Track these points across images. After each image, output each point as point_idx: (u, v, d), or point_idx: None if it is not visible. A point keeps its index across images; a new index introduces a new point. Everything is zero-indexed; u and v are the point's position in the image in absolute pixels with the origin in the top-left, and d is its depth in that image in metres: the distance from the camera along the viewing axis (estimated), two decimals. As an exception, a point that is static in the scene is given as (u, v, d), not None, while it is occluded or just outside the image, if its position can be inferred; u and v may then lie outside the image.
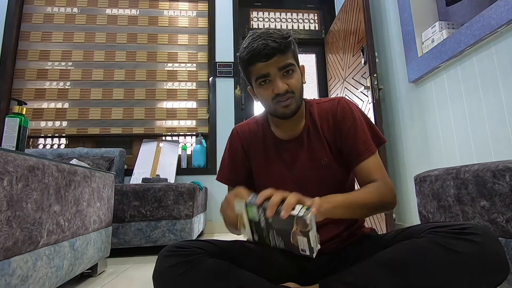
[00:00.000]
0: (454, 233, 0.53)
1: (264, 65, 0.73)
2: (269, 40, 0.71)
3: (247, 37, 0.76)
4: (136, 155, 2.65)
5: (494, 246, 0.51)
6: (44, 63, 2.77)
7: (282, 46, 0.72)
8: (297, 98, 0.77)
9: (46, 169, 0.86)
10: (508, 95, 1.26)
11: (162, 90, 2.86)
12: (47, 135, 2.70)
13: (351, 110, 0.82)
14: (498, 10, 1.24)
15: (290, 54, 0.75)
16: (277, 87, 0.74)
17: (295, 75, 0.76)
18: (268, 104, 0.78)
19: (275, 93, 0.74)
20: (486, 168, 0.79)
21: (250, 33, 0.76)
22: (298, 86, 0.77)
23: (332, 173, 0.81)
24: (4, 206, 0.69)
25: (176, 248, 0.64)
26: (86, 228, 1.14)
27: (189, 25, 3.02)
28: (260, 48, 0.71)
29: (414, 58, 1.84)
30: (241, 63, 0.78)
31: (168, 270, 0.61)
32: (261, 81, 0.76)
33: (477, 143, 1.42)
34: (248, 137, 0.90)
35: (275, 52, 0.72)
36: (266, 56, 0.72)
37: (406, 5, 1.90)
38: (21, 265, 0.75)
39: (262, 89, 0.77)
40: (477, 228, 0.53)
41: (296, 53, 0.79)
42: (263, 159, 0.86)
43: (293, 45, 0.77)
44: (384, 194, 0.73)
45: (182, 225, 1.81)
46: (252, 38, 0.74)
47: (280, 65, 0.73)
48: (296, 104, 0.77)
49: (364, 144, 0.78)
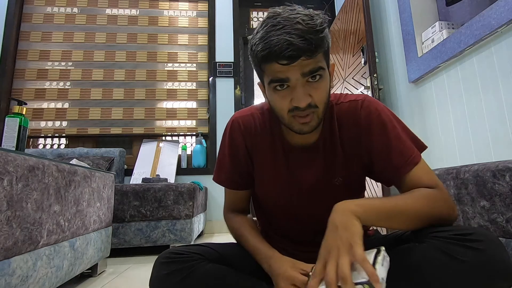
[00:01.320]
0: (458, 239, 0.50)
1: (285, 68, 0.55)
2: (295, 36, 0.52)
3: (265, 20, 0.56)
4: (136, 155, 2.65)
5: (499, 253, 0.48)
6: (44, 63, 2.77)
7: (312, 46, 0.53)
8: (320, 113, 0.60)
9: (46, 169, 0.86)
10: (508, 95, 1.26)
11: (162, 90, 2.86)
12: (47, 135, 2.70)
13: (378, 114, 0.65)
14: (498, 10, 1.24)
15: (321, 54, 0.57)
16: (297, 98, 0.56)
17: (323, 82, 0.58)
18: (283, 116, 0.61)
19: (294, 105, 0.57)
20: (486, 168, 0.79)
21: (270, 13, 0.57)
22: (324, 98, 0.59)
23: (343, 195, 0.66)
24: (4, 206, 0.69)
25: (173, 255, 0.62)
26: (86, 228, 1.14)
27: (189, 25, 3.02)
28: (282, 47, 0.52)
29: (414, 58, 1.84)
30: (253, 56, 0.59)
31: (165, 278, 0.59)
32: (277, 85, 0.58)
33: (477, 143, 1.42)
34: (253, 134, 0.72)
35: (301, 54, 0.53)
36: (288, 58, 0.53)
37: (406, 5, 1.90)
38: (21, 265, 0.75)
39: (276, 95, 0.59)
40: (481, 234, 0.50)
41: (329, 49, 0.60)
42: (269, 166, 0.71)
43: (327, 38, 0.58)
44: (437, 203, 0.56)
45: (182, 225, 1.81)
46: (272, 25, 0.54)
47: (305, 70, 0.55)
48: (318, 120, 0.60)
49: (401, 155, 0.62)
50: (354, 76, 2.38)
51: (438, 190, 0.58)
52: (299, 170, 0.69)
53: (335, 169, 0.68)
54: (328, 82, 0.61)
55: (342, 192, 0.68)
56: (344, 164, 0.68)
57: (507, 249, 0.71)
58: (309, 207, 0.71)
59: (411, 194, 0.57)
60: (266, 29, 0.55)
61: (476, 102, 1.43)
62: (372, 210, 0.53)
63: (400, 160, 0.62)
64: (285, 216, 0.74)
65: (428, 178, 0.61)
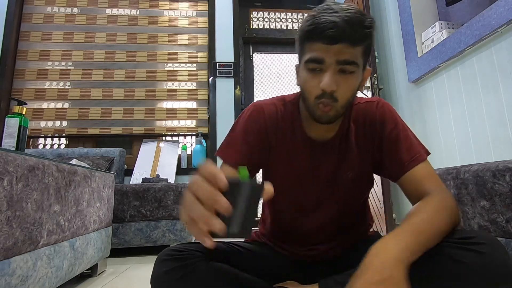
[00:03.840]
0: (460, 243, 0.50)
1: (324, 47, 0.57)
2: (343, 20, 0.55)
3: (320, 6, 0.60)
4: (136, 155, 2.65)
5: (501, 256, 0.48)
6: (44, 63, 2.77)
7: (355, 34, 0.56)
8: (339, 107, 0.61)
9: (46, 169, 0.86)
10: (508, 95, 1.26)
11: (162, 90, 2.86)
12: (47, 135, 2.70)
13: (391, 114, 0.70)
14: (498, 10, 1.24)
15: (360, 50, 0.59)
16: (325, 81, 0.57)
17: (352, 79, 0.60)
18: (309, 98, 0.62)
19: (321, 89, 0.59)
20: (486, 168, 0.79)
21: (325, 3, 0.60)
22: (348, 95, 0.60)
23: (353, 190, 0.72)
24: (4, 206, 0.69)
25: (173, 252, 0.62)
26: (86, 228, 1.14)
27: (189, 25, 3.02)
28: (328, 25, 0.55)
29: (414, 58, 1.84)
30: (299, 34, 0.62)
31: (166, 275, 0.59)
32: (312, 66, 0.60)
33: (477, 143, 1.42)
34: (274, 121, 0.72)
35: (342, 38, 0.56)
36: (329, 38, 0.56)
37: (406, 5, 1.90)
38: (21, 265, 0.75)
39: (309, 75, 0.61)
40: (484, 238, 0.49)
41: (370, 51, 0.62)
42: (286, 156, 0.71)
43: (371, 39, 0.60)
44: (452, 211, 0.55)
45: (182, 225, 1.81)
46: (325, 9, 0.57)
47: (341, 58, 0.57)
48: (336, 113, 0.61)
49: (408, 151, 0.65)
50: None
51: (443, 196, 0.58)
52: (315, 163, 0.71)
53: (347, 164, 0.70)
54: (357, 82, 0.62)
55: (352, 185, 0.71)
56: (356, 160, 0.70)
57: (507, 249, 0.71)
58: (321, 199, 0.72)
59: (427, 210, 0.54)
60: (319, 10, 0.58)
61: (476, 102, 1.43)
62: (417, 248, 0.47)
63: (406, 156, 0.64)
64: (294, 208, 0.74)
65: (431, 178, 0.62)
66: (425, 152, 0.67)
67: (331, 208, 0.72)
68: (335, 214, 0.73)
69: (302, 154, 0.71)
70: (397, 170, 0.66)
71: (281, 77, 3.09)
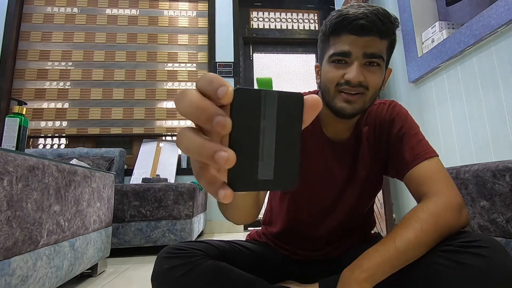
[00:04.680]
0: (463, 247, 0.49)
1: (352, 39, 0.57)
2: (372, 12, 0.56)
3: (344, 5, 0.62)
4: (136, 155, 2.65)
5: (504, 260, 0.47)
6: (44, 63, 2.77)
7: (384, 26, 0.56)
8: (367, 99, 0.60)
9: (46, 169, 0.86)
10: (508, 95, 1.26)
11: (162, 90, 2.86)
12: (47, 135, 2.70)
13: (402, 114, 0.69)
14: (498, 10, 1.24)
15: (386, 44, 0.60)
16: (351, 72, 0.57)
17: (378, 71, 0.60)
18: (330, 88, 0.61)
19: (345, 79, 0.58)
20: (486, 168, 0.79)
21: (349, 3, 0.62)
22: (376, 85, 0.60)
23: (365, 191, 0.72)
24: (4, 206, 0.69)
25: (174, 250, 0.63)
26: (86, 228, 1.14)
27: (189, 25, 3.02)
28: (358, 16, 0.55)
29: (414, 58, 1.84)
30: (324, 30, 0.61)
31: (166, 272, 0.60)
32: (337, 59, 0.59)
33: (477, 143, 1.42)
34: None
35: (372, 29, 0.56)
36: (360, 28, 0.56)
37: (406, 5, 1.90)
38: (21, 265, 0.75)
39: (332, 67, 0.60)
40: (486, 241, 0.49)
41: (393, 48, 0.63)
42: (304, 155, 0.69)
43: (395, 36, 0.61)
44: (445, 217, 0.53)
45: (182, 225, 1.81)
46: (351, 6, 0.58)
47: (368, 50, 0.57)
48: (363, 105, 0.61)
49: (412, 149, 0.64)
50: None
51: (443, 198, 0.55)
52: (332, 163, 0.71)
53: (361, 165, 0.70)
54: (382, 75, 0.61)
55: (365, 185, 0.71)
56: (368, 160, 0.70)
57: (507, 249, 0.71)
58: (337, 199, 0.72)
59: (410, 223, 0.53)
60: (345, 7, 0.59)
61: (476, 102, 1.43)
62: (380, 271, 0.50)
63: (410, 154, 0.64)
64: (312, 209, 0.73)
65: (436, 177, 0.59)
66: (432, 151, 0.65)
67: (345, 209, 0.72)
68: (348, 215, 0.73)
69: (319, 154, 0.70)
70: (401, 168, 0.65)
71: (281, 77, 3.09)
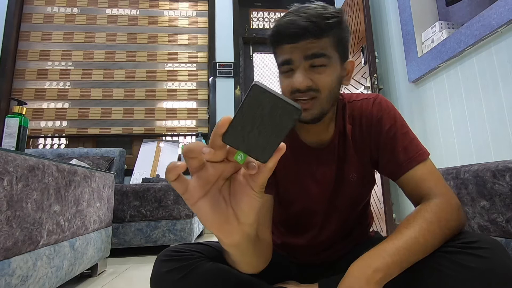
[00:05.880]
0: (463, 247, 0.49)
1: (290, 47, 0.58)
2: (302, 16, 0.55)
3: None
4: (136, 155, 2.65)
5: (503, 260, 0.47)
6: (44, 63, 2.77)
7: (316, 26, 0.55)
8: (323, 101, 0.59)
9: (46, 169, 0.86)
10: (508, 95, 1.26)
11: (162, 90, 2.86)
12: (47, 135, 2.70)
13: (389, 110, 0.66)
14: (498, 10, 1.24)
15: (328, 41, 0.57)
16: (295, 80, 0.57)
17: (327, 70, 0.58)
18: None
19: (293, 87, 0.58)
20: (486, 168, 0.79)
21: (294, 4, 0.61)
22: (328, 85, 0.58)
23: (359, 191, 0.70)
24: (4, 206, 0.69)
25: (173, 253, 0.62)
26: (86, 228, 1.14)
27: (189, 25, 3.02)
28: (288, 25, 0.56)
29: (414, 58, 1.84)
30: (268, 42, 0.63)
31: (165, 275, 0.59)
32: (284, 68, 0.60)
33: (477, 143, 1.42)
34: None
35: (304, 34, 0.55)
36: (291, 37, 0.56)
37: (406, 5, 1.90)
38: (21, 265, 0.75)
39: (283, 77, 0.61)
40: (486, 242, 0.49)
41: (344, 41, 0.61)
42: (290, 169, 0.68)
43: (339, 29, 0.58)
44: (447, 217, 0.52)
45: (182, 225, 1.81)
46: (288, 11, 0.59)
47: (308, 52, 0.57)
48: (320, 109, 0.59)
49: (405, 150, 0.61)
50: (354, 76, 2.38)
51: (442, 198, 0.55)
52: (316, 169, 0.69)
53: (349, 166, 0.67)
54: (334, 75, 0.60)
55: (357, 187, 0.68)
56: (356, 160, 0.67)
57: (507, 249, 0.71)
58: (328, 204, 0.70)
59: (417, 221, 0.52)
60: (282, 16, 0.59)
61: (476, 102, 1.43)
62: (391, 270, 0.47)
63: (404, 156, 0.61)
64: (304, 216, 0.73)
65: (433, 179, 0.58)
66: (425, 151, 0.63)
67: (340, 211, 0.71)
68: (343, 217, 0.72)
69: (301, 162, 0.69)
70: (395, 170, 0.62)
71: (281, 77, 3.09)
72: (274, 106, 0.28)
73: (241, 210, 0.33)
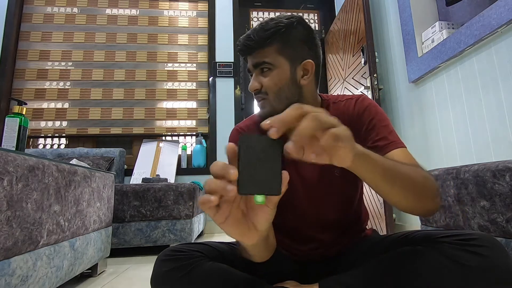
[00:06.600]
0: (462, 244, 0.49)
1: (248, 59, 0.70)
2: (246, 35, 0.68)
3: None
4: (136, 155, 2.65)
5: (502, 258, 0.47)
6: (44, 63, 2.77)
7: (254, 42, 0.66)
8: (272, 101, 0.67)
9: (46, 169, 0.86)
10: (508, 95, 1.26)
11: (162, 90, 2.86)
12: (47, 135, 2.70)
13: (371, 106, 0.71)
14: (498, 10, 1.24)
15: (271, 49, 0.66)
16: (249, 84, 0.69)
17: (273, 74, 0.67)
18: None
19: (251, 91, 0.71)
20: (486, 168, 0.79)
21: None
22: (272, 88, 0.67)
23: (344, 186, 0.72)
24: (4, 206, 0.69)
25: (173, 252, 0.63)
26: (86, 228, 1.14)
27: (189, 25, 3.02)
28: (238, 44, 0.69)
29: (414, 58, 1.84)
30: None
31: (166, 275, 0.60)
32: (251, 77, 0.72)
33: (477, 143, 1.42)
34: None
35: (247, 49, 0.68)
36: (244, 51, 0.69)
37: (406, 5, 1.90)
38: (21, 265, 0.75)
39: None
40: (485, 240, 0.49)
41: (292, 45, 0.67)
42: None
43: (282, 36, 0.66)
44: (428, 178, 0.54)
45: (182, 225, 1.81)
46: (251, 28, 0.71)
47: (254, 61, 0.68)
48: (270, 107, 0.67)
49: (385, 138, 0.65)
50: (354, 76, 2.38)
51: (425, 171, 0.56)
52: (299, 166, 0.72)
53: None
54: (281, 75, 0.67)
55: (342, 182, 0.71)
56: None
57: (507, 249, 0.71)
58: (314, 200, 0.72)
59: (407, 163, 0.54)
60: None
61: (476, 102, 1.43)
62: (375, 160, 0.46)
63: (383, 141, 0.65)
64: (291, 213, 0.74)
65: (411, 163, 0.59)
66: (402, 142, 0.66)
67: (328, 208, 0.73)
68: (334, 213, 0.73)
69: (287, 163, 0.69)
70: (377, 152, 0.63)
71: (281, 77, 3.09)
72: (260, 142, 0.35)
73: (258, 222, 0.41)
